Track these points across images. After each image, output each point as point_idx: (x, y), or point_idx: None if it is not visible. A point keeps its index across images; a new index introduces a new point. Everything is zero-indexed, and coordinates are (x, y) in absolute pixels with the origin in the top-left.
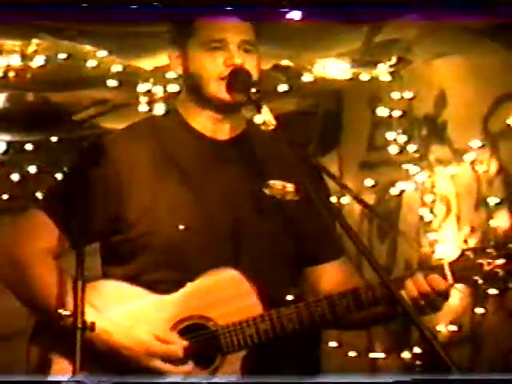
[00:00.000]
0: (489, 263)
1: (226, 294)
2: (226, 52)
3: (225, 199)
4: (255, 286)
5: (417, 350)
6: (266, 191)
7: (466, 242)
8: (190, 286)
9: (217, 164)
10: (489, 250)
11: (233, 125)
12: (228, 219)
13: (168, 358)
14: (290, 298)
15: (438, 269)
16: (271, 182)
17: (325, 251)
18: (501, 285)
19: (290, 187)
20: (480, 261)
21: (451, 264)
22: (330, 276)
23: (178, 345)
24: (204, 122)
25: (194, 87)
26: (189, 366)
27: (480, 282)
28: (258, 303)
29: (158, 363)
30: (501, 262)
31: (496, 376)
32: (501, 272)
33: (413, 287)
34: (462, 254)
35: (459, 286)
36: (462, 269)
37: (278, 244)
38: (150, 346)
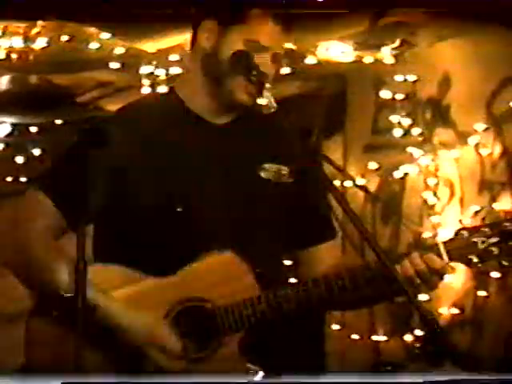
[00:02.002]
0: (483, 242)
1: (224, 276)
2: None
3: (221, 182)
4: (252, 267)
5: (419, 332)
6: (262, 174)
7: (460, 221)
8: (187, 268)
9: (214, 147)
10: (483, 229)
11: (231, 109)
12: (224, 202)
13: (165, 350)
14: (286, 279)
15: (434, 248)
16: (266, 165)
17: (319, 232)
18: (495, 263)
19: (284, 170)
20: (474, 239)
21: (446, 243)
22: (325, 257)
23: (174, 339)
24: (203, 105)
25: (210, 69)
26: (183, 363)
27: (475, 260)
28: (255, 284)
29: (154, 352)
30: (495, 240)
31: None
32: (495, 250)
33: (409, 266)
34: (457, 233)
35: (455, 264)
36: (457, 248)
37: (273, 226)
38: (148, 334)
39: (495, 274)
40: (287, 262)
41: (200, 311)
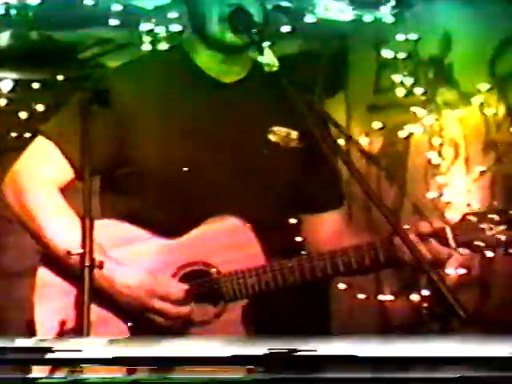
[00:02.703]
0: (491, 228)
1: (230, 243)
2: None
3: (228, 144)
4: (259, 236)
5: (425, 292)
6: (271, 137)
7: (469, 205)
8: (194, 232)
9: (221, 106)
10: (491, 216)
11: (237, 67)
12: (230, 165)
13: (168, 299)
14: (291, 249)
15: (440, 233)
16: (276, 128)
17: (325, 200)
18: (502, 250)
19: (294, 134)
20: (482, 226)
21: (453, 228)
22: (329, 225)
23: (178, 287)
24: (208, 62)
25: (197, 26)
26: (188, 308)
27: (482, 246)
28: (261, 254)
29: (159, 303)
30: (503, 227)
31: None
32: (503, 237)
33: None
34: (464, 218)
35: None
36: (464, 233)
37: (279, 192)
38: (150, 287)
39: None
40: (292, 228)
41: (205, 276)
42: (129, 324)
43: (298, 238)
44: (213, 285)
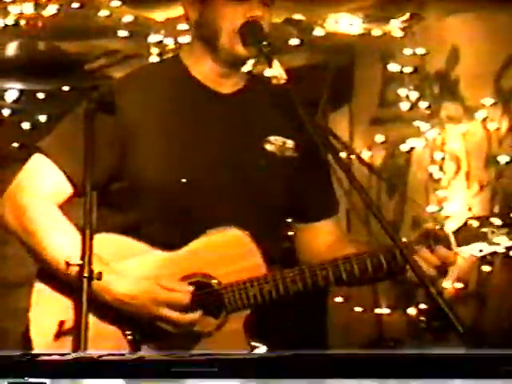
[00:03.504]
0: (493, 232)
1: (231, 253)
2: (247, 4)
3: (225, 154)
4: (259, 246)
5: (423, 306)
6: (267, 147)
7: (470, 209)
8: (194, 243)
9: (218, 117)
10: (492, 219)
11: (236, 79)
12: (228, 175)
13: (174, 306)
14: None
15: (443, 239)
16: (272, 137)
17: (319, 209)
18: (504, 254)
19: (289, 143)
20: (484, 230)
21: (455, 233)
22: (323, 234)
23: (184, 292)
24: (207, 74)
25: (205, 37)
26: (196, 314)
27: (484, 250)
28: (263, 263)
29: (166, 311)
30: (504, 231)
31: None
32: (505, 241)
33: (420, 261)
34: (466, 224)
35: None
36: (467, 237)
37: (276, 201)
38: (155, 294)
39: (500, 249)
40: (289, 237)
41: (206, 287)
42: (129, 337)
43: (294, 247)
44: (214, 296)
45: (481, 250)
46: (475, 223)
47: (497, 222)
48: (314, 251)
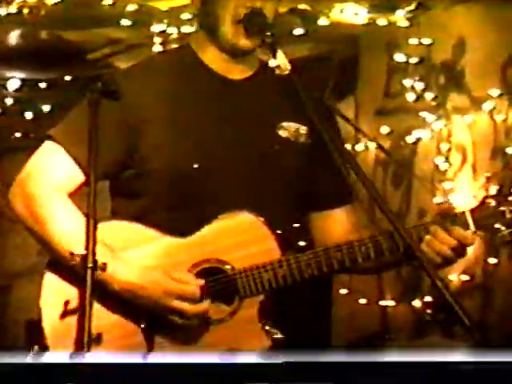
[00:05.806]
0: (511, 211)
1: (243, 238)
2: None
3: (238, 139)
4: (272, 230)
5: (428, 298)
6: (280, 133)
7: (486, 190)
8: (206, 229)
9: (229, 103)
10: (510, 198)
11: (245, 66)
12: (240, 160)
13: (185, 297)
14: (301, 243)
15: (459, 218)
16: (285, 123)
17: (334, 196)
18: None
19: (303, 130)
20: (502, 208)
21: (473, 212)
22: (339, 222)
23: (194, 283)
24: (217, 61)
25: (209, 27)
26: (206, 304)
27: (502, 229)
28: (276, 248)
29: (176, 302)
30: None
31: None
32: None
33: (434, 242)
34: (483, 202)
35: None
36: (484, 217)
37: (290, 187)
38: (165, 286)
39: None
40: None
41: (219, 273)
42: (142, 326)
43: (309, 234)
44: (228, 281)
45: (498, 229)
46: (493, 202)
47: None
48: (329, 240)
